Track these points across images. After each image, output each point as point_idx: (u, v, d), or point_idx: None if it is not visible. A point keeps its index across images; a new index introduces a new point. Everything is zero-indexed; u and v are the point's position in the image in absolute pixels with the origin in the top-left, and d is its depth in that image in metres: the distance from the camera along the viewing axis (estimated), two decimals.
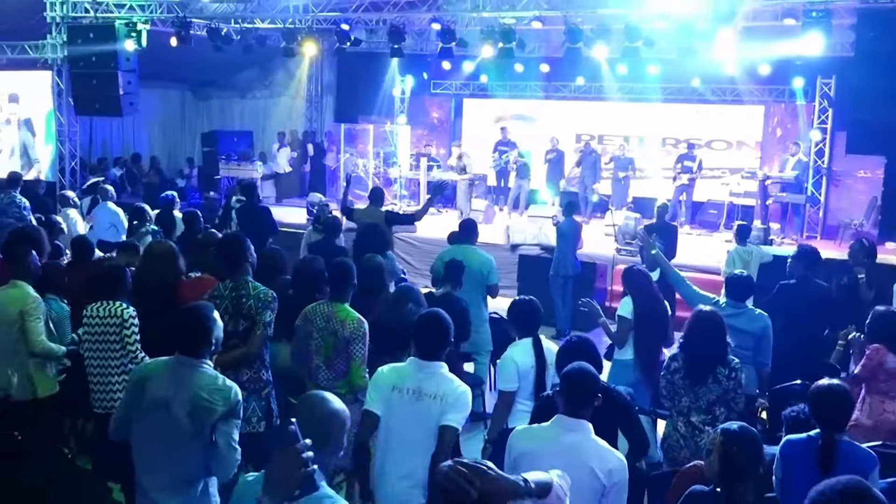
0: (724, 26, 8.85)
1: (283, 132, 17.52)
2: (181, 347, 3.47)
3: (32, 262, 5.11)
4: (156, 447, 3.34)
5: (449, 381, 3.65)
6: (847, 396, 3.60)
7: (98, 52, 12.17)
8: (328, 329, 4.48)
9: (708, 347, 4.36)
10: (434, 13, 10.86)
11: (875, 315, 4.84)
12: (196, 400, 3.31)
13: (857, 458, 3.39)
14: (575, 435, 3.19)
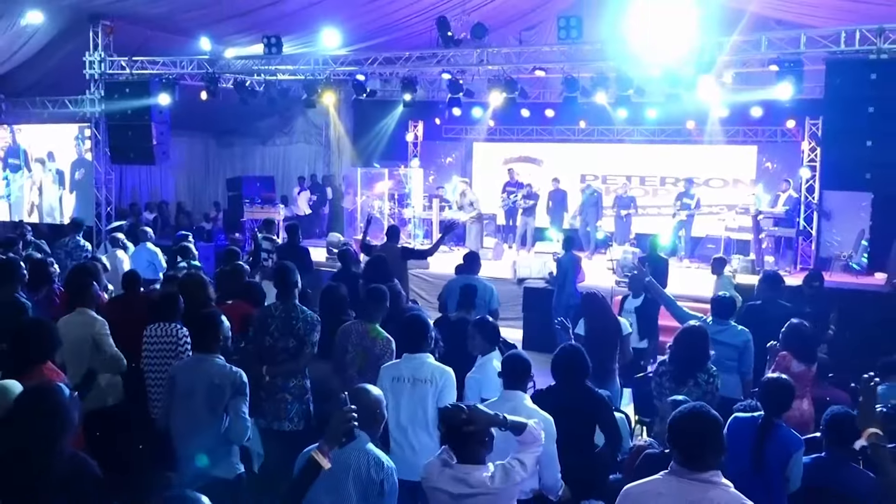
0: (705, 74, 9.70)
1: (303, 176, 18.48)
2: (197, 346, 4.56)
3: (94, 292, 5.95)
4: (186, 424, 4.34)
5: (436, 366, 4.55)
6: (789, 388, 4.36)
7: (133, 106, 13.11)
8: (362, 345, 5.28)
9: (691, 355, 5.12)
10: (443, 66, 11.77)
11: (788, 326, 5.65)
12: (211, 385, 4.32)
13: (786, 440, 4.14)
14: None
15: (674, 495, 2.92)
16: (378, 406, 3.47)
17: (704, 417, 3.03)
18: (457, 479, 3.27)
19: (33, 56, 13.41)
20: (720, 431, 3.04)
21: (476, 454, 3.30)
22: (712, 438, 3.00)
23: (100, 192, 14.38)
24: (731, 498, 2.93)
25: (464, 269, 8.11)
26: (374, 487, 3.31)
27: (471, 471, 3.26)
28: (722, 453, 3.02)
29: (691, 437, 3.00)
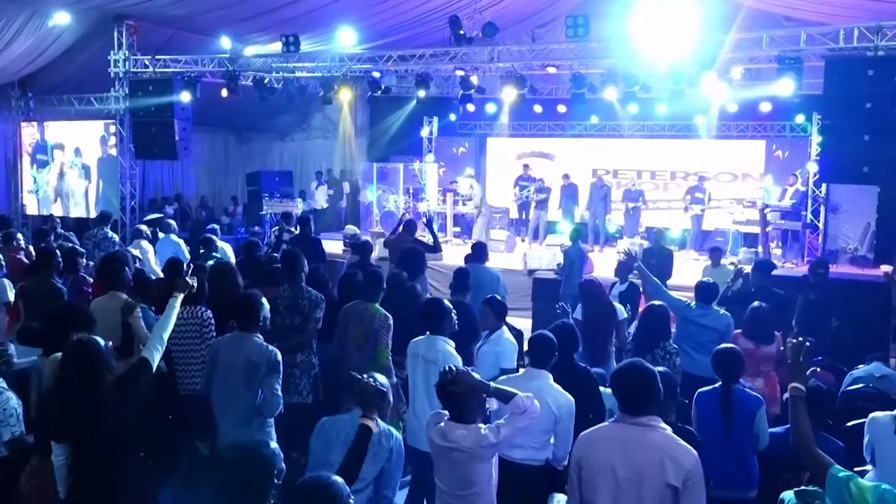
0: (707, 71, 10.00)
1: (321, 171, 18.91)
2: (239, 325, 4.89)
3: (125, 276, 6.38)
4: (225, 397, 4.71)
5: (443, 349, 4.93)
6: (738, 356, 4.78)
7: (156, 103, 13.55)
8: (362, 321, 5.73)
9: (650, 332, 5.51)
10: (455, 64, 12.12)
11: (749, 308, 6.04)
12: (248, 362, 4.70)
13: (748, 401, 4.55)
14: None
15: (618, 438, 3.33)
16: (377, 395, 3.75)
17: (640, 370, 3.43)
18: (441, 433, 3.66)
19: (60, 55, 13.90)
20: (654, 382, 3.40)
21: (464, 415, 3.67)
22: (647, 388, 3.36)
23: (124, 186, 14.86)
24: (663, 438, 3.30)
25: (472, 259, 8.46)
26: (383, 453, 3.68)
27: (453, 428, 3.64)
28: (657, 401, 3.40)
29: (629, 387, 3.39)
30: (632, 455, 3.26)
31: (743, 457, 4.44)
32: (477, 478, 3.65)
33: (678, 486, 3.18)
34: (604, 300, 6.75)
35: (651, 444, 3.26)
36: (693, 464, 3.24)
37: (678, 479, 3.18)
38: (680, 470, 3.19)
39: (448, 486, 3.70)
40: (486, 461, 3.68)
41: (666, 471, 3.19)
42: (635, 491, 3.22)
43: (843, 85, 9.24)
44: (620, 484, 3.25)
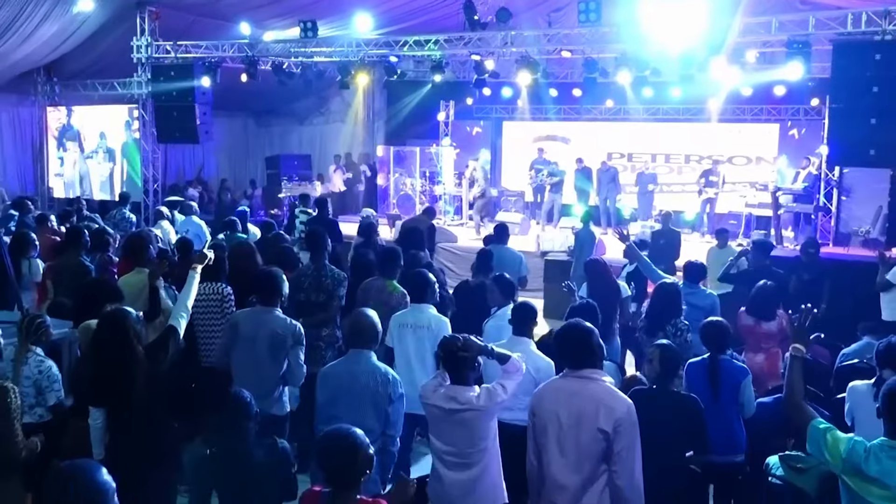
0: (716, 56, 10.14)
1: (339, 155, 19.18)
2: (261, 300, 5.15)
3: (150, 254, 6.69)
4: (246, 368, 5.00)
5: (433, 315, 5.27)
6: (725, 329, 5.01)
7: (178, 88, 13.83)
8: (380, 298, 6.04)
9: (662, 309, 5.74)
10: (470, 49, 12.32)
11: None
12: (273, 335, 4.97)
13: (734, 371, 4.80)
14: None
15: (563, 389, 3.72)
16: (374, 327, 4.29)
17: (578, 328, 3.80)
18: (448, 397, 3.92)
19: (84, 41, 14.20)
20: (591, 339, 3.75)
21: (466, 378, 3.96)
22: (584, 344, 3.73)
23: (147, 169, 15.21)
24: (601, 389, 3.67)
25: (493, 240, 8.74)
26: (383, 399, 4.02)
27: (460, 391, 3.92)
28: (595, 355, 3.73)
29: (569, 343, 3.78)
30: (573, 404, 3.64)
31: (730, 424, 4.68)
32: (486, 433, 3.95)
33: (609, 431, 3.53)
34: (608, 279, 6.98)
35: (589, 393, 3.63)
36: (625, 412, 3.58)
37: (609, 425, 3.53)
38: (611, 416, 3.54)
39: (456, 445, 3.96)
40: (494, 417, 3.99)
41: (599, 417, 3.55)
42: (575, 434, 3.60)
43: (851, 69, 9.35)
44: (563, 429, 3.63)
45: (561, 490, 3.62)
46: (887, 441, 3.09)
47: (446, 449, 4.00)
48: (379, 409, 4.03)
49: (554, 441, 3.65)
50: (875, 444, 3.09)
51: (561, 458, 3.63)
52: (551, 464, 3.67)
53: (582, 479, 3.58)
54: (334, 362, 4.51)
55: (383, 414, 4.08)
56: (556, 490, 3.64)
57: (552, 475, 3.66)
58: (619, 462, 3.54)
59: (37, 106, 16.18)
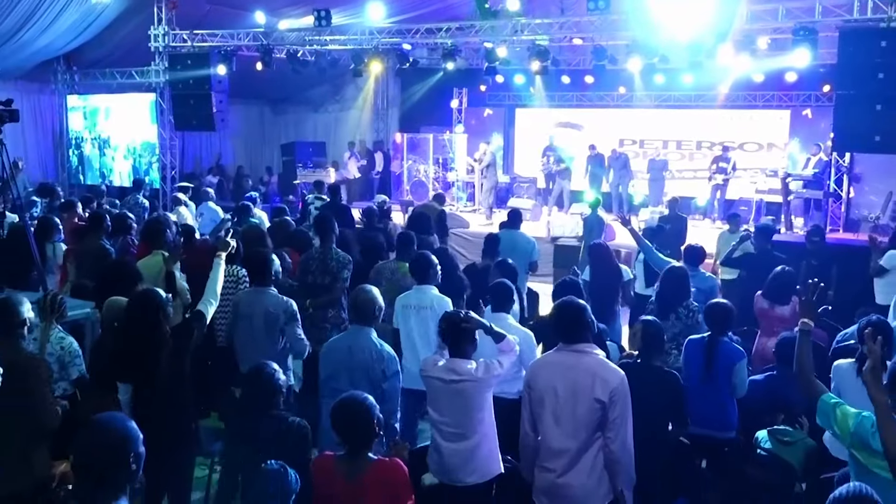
0: (723, 43, 10.25)
1: (353, 142, 19.40)
2: (254, 280, 5.49)
3: (166, 237, 6.94)
4: (246, 344, 5.29)
5: (435, 295, 5.50)
6: (729, 311, 5.13)
7: (195, 77, 14.09)
8: (393, 279, 6.30)
9: (672, 292, 5.92)
10: (480, 37, 12.49)
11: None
12: (266, 314, 5.25)
13: (730, 352, 4.95)
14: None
15: (559, 363, 3.94)
16: (373, 303, 4.56)
17: (572, 304, 4.01)
18: (448, 369, 4.14)
19: (103, 31, 14.43)
20: (585, 313, 3.96)
21: (465, 351, 4.18)
22: (577, 319, 3.94)
23: (164, 157, 15.49)
24: (595, 362, 3.89)
25: (507, 225, 8.95)
26: (378, 374, 4.27)
27: (459, 363, 4.14)
28: (588, 330, 3.94)
29: (564, 319, 3.99)
30: (568, 377, 3.86)
31: (722, 401, 4.87)
32: (483, 403, 4.17)
33: (605, 401, 3.76)
34: (610, 262, 7.16)
35: (585, 366, 3.85)
36: (618, 382, 3.80)
37: (605, 395, 3.76)
38: (607, 387, 3.77)
39: (454, 417, 4.17)
40: (490, 390, 4.20)
41: (595, 388, 3.77)
42: (571, 405, 3.82)
43: (857, 56, 9.45)
44: (560, 400, 3.85)
45: (557, 456, 3.84)
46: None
47: (445, 420, 4.20)
48: (374, 385, 4.27)
49: (550, 411, 3.87)
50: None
51: (557, 427, 3.85)
52: (548, 432, 3.89)
53: (578, 446, 3.82)
54: (335, 337, 4.77)
55: (379, 389, 4.31)
56: (552, 457, 3.86)
57: (548, 443, 3.89)
58: (614, 429, 3.78)
59: (57, 94, 16.48)
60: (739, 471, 4.46)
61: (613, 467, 3.82)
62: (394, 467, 3.38)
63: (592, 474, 3.83)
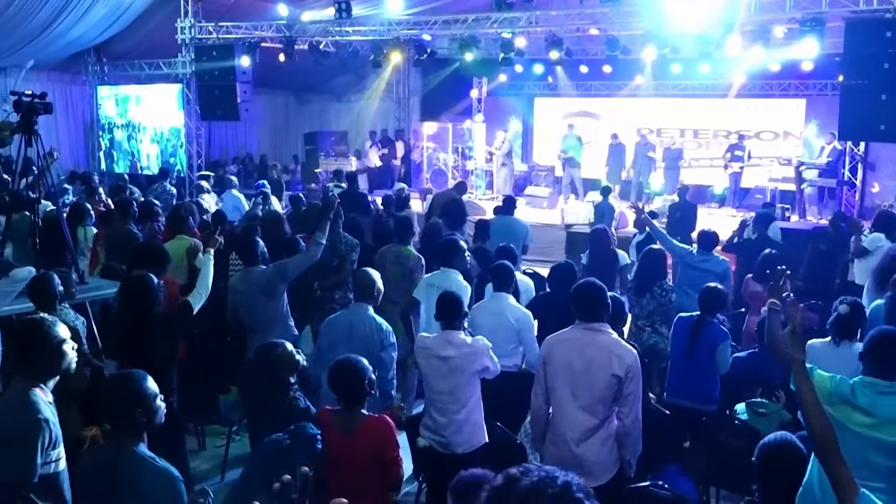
0: (730, 34, 10.44)
1: (375, 131, 19.77)
2: (245, 262, 5.92)
3: (189, 224, 7.35)
4: (251, 315, 5.66)
5: (456, 280, 5.80)
6: (718, 295, 5.42)
7: (220, 68, 14.51)
8: (398, 262, 6.65)
9: (649, 272, 6.22)
10: (495, 28, 12.76)
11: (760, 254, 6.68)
12: (260, 286, 5.64)
13: (714, 333, 5.25)
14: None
15: (575, 340, 4.16)
16: (374, 284, 4.95)
17: (593, 285, 4.23)
18: (445, 341, 4.50)
19: (131, 24, 14.90)
20: (603, 296, 4.18)
21: (457, 325, 4.56)
22: (597, 300, 4.16)
23: (191, 146, 15.97)
24: (610, 340, 4.12)
25: (502, 210, 9.24)
26: (375, 345, 4.64)
27: (453, 334, 4.53)
28: (606, 311, 4.18)
29: (583, 298, 4.19)
30: (585, 353, 4.08)
31: (703, 377, 5.17)
32: (472, 378, 4.51)
33: (622, 376, 4.00)
34: (607, 247, 7.47)
35: (601, 344, 4.08)
36: (633, 360, 4.06)
37: (622, 371, 4.00)
38: (623, 364, 4.01)
39: (449, 391, 4.53)
40: (479, 364, 4.53)
41: (612, 364, 4.01)
42: (588, 380, 4.06)
43: (863, 46, 9.62)
44: (577, 375, 4.09)
45: (574, 427, 4.09)
46: (867, 379, 3.52)
47: (443, 389, 4.54)
48: (373, 354, 4.63)
49: (567, 386, 4.11)
50: (857, 381, 3.53)
51: (574, 400, 4.10)
52: (565, 406, 4.14)
53: (594, 419, 4.07)
54: (337, 313, 5.14)
55: (376, 358, 4.69)
56: (569, 428, 4.11)
57: (565, 416, 4.14)
58: (628, 403, 4.04)
59: (87, 85, 17.03)
60: (716, 439, 4.75)
61: (624, 439, 4.08)
62: (382, 422, 3.75)
63: (605, 446, 4.09)
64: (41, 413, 3.25)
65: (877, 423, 3.38)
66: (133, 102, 17.05)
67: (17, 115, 6.11)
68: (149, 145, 17.00)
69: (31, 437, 3.18)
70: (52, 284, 4.69)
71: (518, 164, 18.30)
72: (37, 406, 3.27)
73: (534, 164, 18.85)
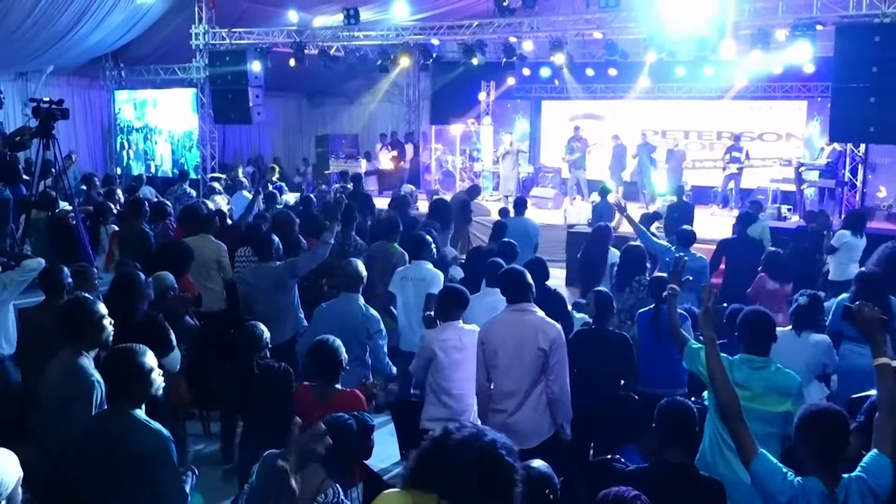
0: (724, 38, 10.73)
1: (385, 133, 20.16)
2: (259, 256, 6.37)
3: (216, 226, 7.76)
4: (263, 306, 6.01)
5: (429, 270, 6.23)
6: (664, 283, 5.71)
7: (232, 72, 14.94)
8: (383, 257, 7.08)
9: (629, 267, 6.58)
10: (498, 34, 13.12)
11: (767, 253, 6.93)
12: (272, 281, 6.03)
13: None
14: None
15: (507, 320, 4.71)
16: (361, 275, 5.33)
17: (517, 270, 4.82)
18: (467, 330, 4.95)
19: (147, 30, 15.36)
20: (525, 277, 4.71)
21: (457, 316, 4.99)
22: (521, 283, 4.72)
23: (204, 148, 16.41)
24: (536, 318, 4.65)
25: (516, 212, 9.66)
26: (364, 333, 5.01)
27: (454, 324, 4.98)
28: (529, 291, 4.68)
29: (511, 283, 4.78)
30: (516, 331, 4.61)
31: (671, 361, 5.41)
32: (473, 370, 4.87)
33: (546, 349, 4.53)
34: (600, 245, 7.80)
35: (529, 322, 4.63)
36: (557, 334, 4.59)
37: (546, 344, 4.53)
38: (547, 338, 4.54)
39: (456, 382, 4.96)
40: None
41: (538, 339, 4.54)
42: (520, 355, 4.57)
43: (853, 50, 9.88)
44: (510, 351, 4.59)
45: (510, 396, 4.59)
46: (745, 356, 3.98)
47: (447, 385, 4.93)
48: (361, 342, 5.05)
49: (503, 362, 4.60)
50: (735, 359, 3.98)
51: (509, 374, 4.60)
52: (502, 379, 4.62)
53: (525, 389, 4.57)
54: (329, 302, 5.52)
55: (365, 345, 5.13)
56: (505, 398, 4.60)
57: (502, 387, 4.62)
58: (554, 372, 4.56)
59: (105, 89, 17.52)
60: None
61: (554, 405, 4.58)
62: (353, 395, 4.19)
63: (537, 412, 4.60)
64: (94, 375, 3.77)
65: (752, 395, 3.82)
66: (150, 106, 17.52)
67: (35, 120, 6.51)
68: (164, 147, 17.47)
69: (87, 396, 3.70)
70: (62, 275, 5.11)
71: (524, 166, 18.61)
72: (88, 370, 3.81)
73: (540, 166, 19.16)
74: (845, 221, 8.24)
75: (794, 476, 2.91)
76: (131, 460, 3.19)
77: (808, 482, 2.87)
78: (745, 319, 4.06)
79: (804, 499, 2.83)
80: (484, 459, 2.19)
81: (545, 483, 3.13)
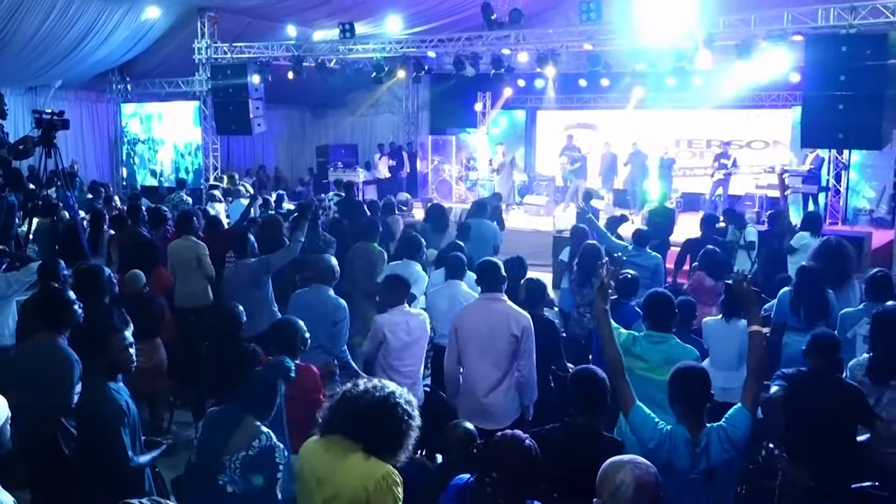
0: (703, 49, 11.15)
1: (383, 143, 20.67)
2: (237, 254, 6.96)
3: (195, 226, 8.22)
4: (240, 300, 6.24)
5: (416, 270, 6.71)
6: (628, 281, 6.14)
7: (233, 85, 15.40)
8: (365, 255, 7.58)
9: (588, 264, 6.98)
10: (486, 46, 13.59)
11: (703, 251, 7.38)
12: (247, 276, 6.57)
13: (627, 314, 5.91)
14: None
15: (480, 309, 5.12)
16: (333, 269, 5.76)
17: (490, 263, 5.18)
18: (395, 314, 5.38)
19: (152, 45, 15.94)
20: (499, 269, 5.10)
21: (399, 300, 5.42)
22: (494, 273, 5.09)
23: (207, 159, 16.93)
24: (507, 307, 5.05)
25: (473, 214, 10.00)
26: (329, 322, 5.46)
27: (400, 309, 5.41)
28: (501, 282, 5.08)
29: (486, 273, 5.12)
30: (490, 319, 4.99)
31: None
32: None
33: (518, 335, 4.90)
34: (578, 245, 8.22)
35: (501, 311, 5.01)
36: (527, 322, 4.97)
37: (518, 331, 4.90)
38: (519, 325, 4.92)
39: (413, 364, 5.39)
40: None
41: (511, 326, 4.91)
42: (493, 341, 4.95)
43: (821, 60, 10.27)
44: (483, 338, 4.97)
45: (482, 381, 4.97)
46: (647, 332, 4.53)
47: (397, 363, 5.33)
48: (328, 330, 5.49)
49: (476, 348, 4.98)
50: (640, 335, 4.52)
51: (482, 359, 4.97)
52: (474, 364, 5.00)
53: (498, 373, 4.95)
54: (301, 290, 5.95)
55: (332, 331, 5.55)
56: (477, 382, 4.98)
57: (475, 372, 4.99)
58: (524, 358, 4.95)
59: (112, 102, 18.10)
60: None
61: (524, 388, 4.97)
62: (308, 370, 4.59)
63: (507, 395, 4.98)
64: (72, 355, 4.31)
65: (650, 366, 4.32)
66: (155, 119, 18.10)
67: (38, 130, 7.00)
68: (166, 157, 18.03)
69: (66, 373, 4.22)
70: (58, 269, 5.59)
71: (517, 175, 19.02)
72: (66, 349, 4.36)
73: (535, 174, 19.61)
74: (803, 223, 8.63)
75: (665, 425, 3.35)
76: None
77: (676, 430, 3.33)
78: (647, 301, 4.62)
79: (671, 443, 3.28)
80: (380, 404, 2.66)
81: (470, 439, 3.60)
